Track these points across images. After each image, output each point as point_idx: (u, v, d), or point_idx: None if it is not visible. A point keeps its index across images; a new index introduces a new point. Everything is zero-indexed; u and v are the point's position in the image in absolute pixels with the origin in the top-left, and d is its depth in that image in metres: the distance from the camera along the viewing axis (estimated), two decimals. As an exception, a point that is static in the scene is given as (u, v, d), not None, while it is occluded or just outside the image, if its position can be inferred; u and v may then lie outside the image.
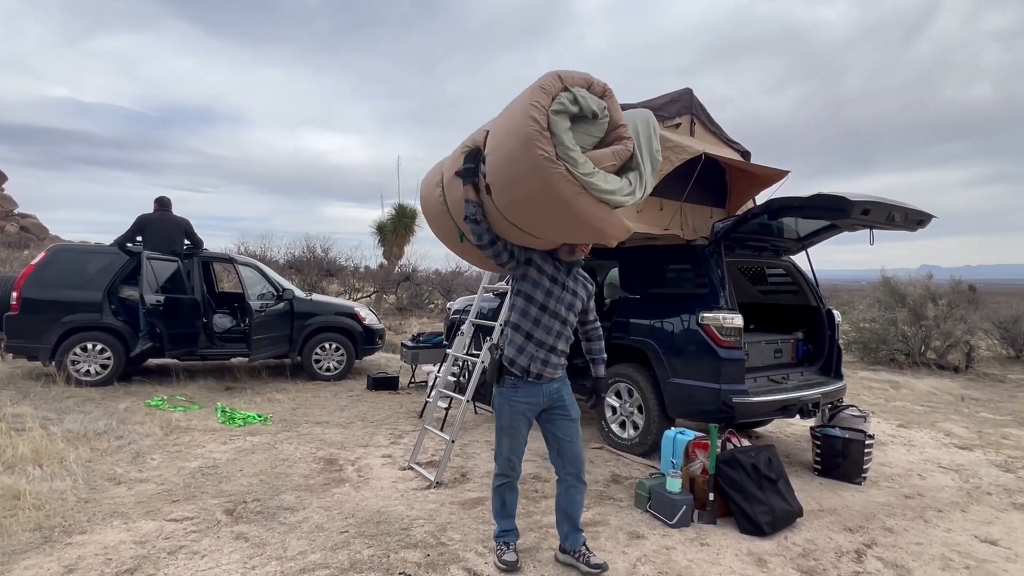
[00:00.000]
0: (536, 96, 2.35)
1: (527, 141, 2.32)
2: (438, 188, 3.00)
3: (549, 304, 2.82)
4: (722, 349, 4.28)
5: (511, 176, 2.47)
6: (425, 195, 3.17)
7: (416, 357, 7.34)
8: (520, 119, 2.36)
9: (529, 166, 2.35)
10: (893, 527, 3.61)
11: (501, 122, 2.56)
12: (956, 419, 6.70)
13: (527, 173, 2.38)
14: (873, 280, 12.35)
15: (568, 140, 2.35)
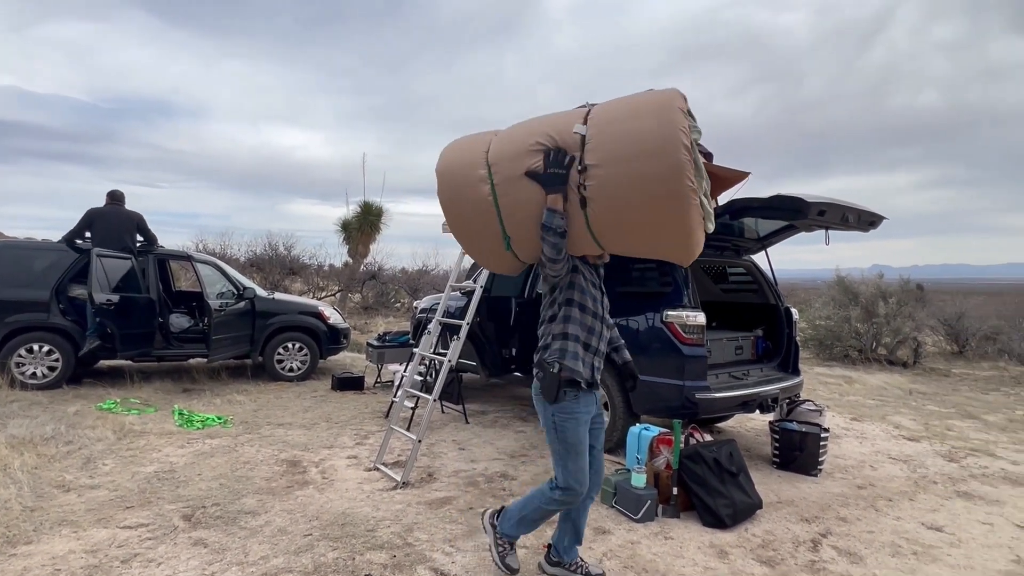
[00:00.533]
0: (682, 121, 2.21)
1: (676, 170, 2.19)
2: (484, 184, 2.58)
3: (598, 310, 2.70)
4: (685, 346, 4.37)
5: (635, 198, 2.30)
6: (457, 190, 2.70)
7: (382, 356, 7.26)
8: (662, 142, 2.20)
9: (667, 193, 2.23)
10: (847, 516, 3.75)
11: (620, 135, 2.30)
12: (905, 412, 7.01)
13: (661, 199, 2.26)
14: (828, 279, 12.80)
15: (700, 168, 2.28)
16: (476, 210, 2.66)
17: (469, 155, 2.68)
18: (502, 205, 2.58)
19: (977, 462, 5.03)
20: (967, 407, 7.37)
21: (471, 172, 2.64)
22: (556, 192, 2.41)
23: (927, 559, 3.19)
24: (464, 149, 2.74)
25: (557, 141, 2.43)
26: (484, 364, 5.73)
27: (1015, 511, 3.94)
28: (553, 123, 2.51)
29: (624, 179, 2.29)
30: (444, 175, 2.76)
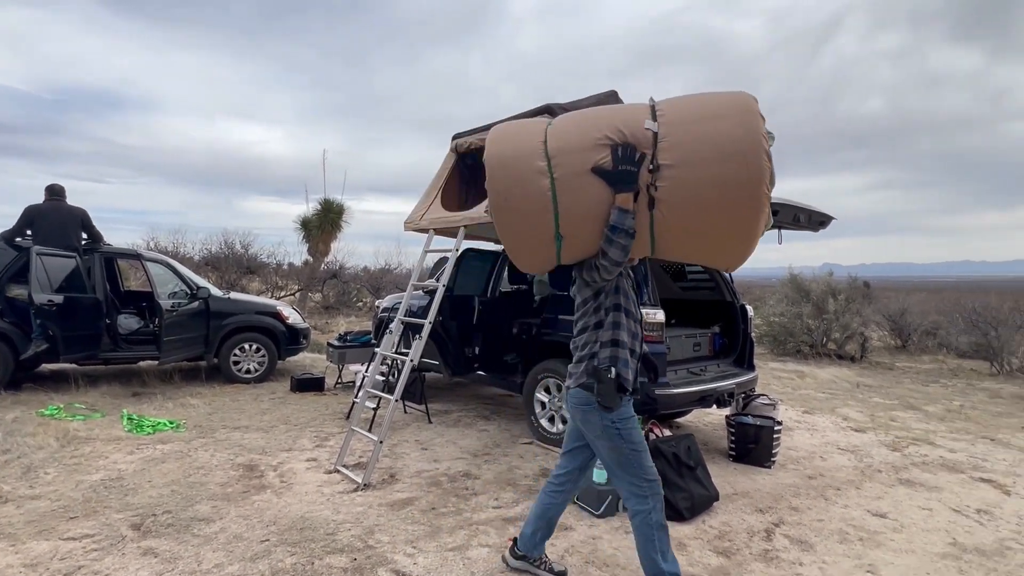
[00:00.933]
0: (763, 126, 2.20)
1: (757, 175, 2.16)
2: (544, 178, 2.34)
3: (638, 315, 2.63)
4: (646, 344, 4.43)
5: (711, 202, 2.23)
6: (512, 182, 2.42)
7: (343, 357, 7.15)
8: (745, 146, 2.17)
9: (746, 198, 2.20)
10: (798, 506, 3.89)
11: (699, 136, 2.23)
12: (852, 404, 7.31)
13: (738, 204, 2.21)
14: (782, 278, 13.24)
15: (774, 175, 2.27)
16: (531, 206, 2.38)
17: (526, 144, 2.41)
18: (561, 202, 2.35)
19: (918, 451, 5.30)
20: (909, 398, 7.75)
21: (529, 163, 2.37)
22: (628, 191, 2.26)
23: (872, 544, 3.34)
24: (518, 137, 2.46)
25: (626, 136, 2.28)
26: (447, 363, 5.70)
27: (951, 496, 4.16)
28: (619, 116, 2.36)
29: (702, 182, 2.22)
30: (497, 165, 2.45)
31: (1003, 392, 8.29)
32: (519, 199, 2.39)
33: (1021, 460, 5.10)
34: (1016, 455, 5.25)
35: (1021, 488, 4.37)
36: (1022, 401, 7.74)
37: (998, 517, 3.81)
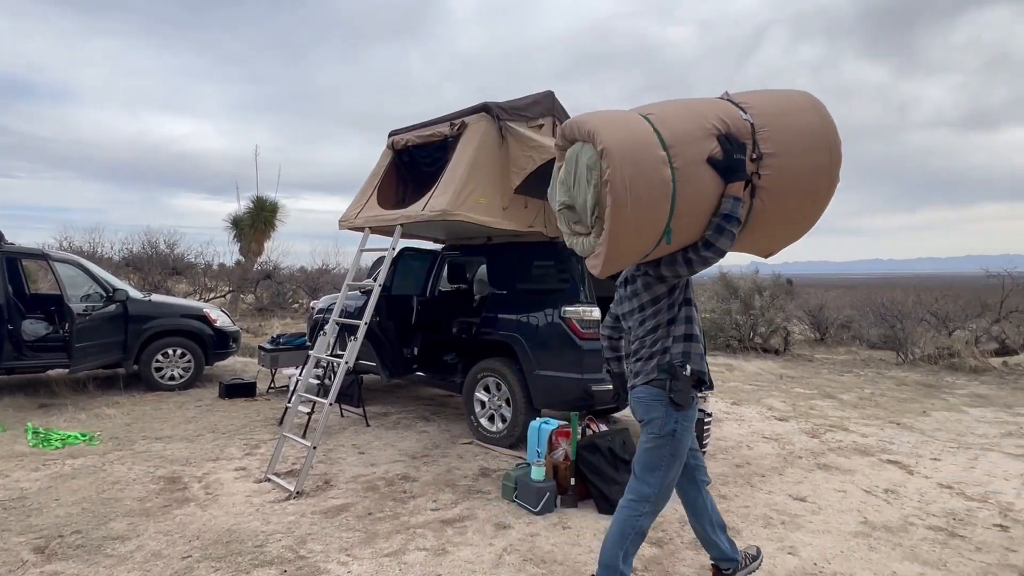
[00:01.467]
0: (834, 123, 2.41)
1: (838, 164, 2.37)
2: (665, 168, 2.20)
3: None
4: (583, 341, 4.52)
5: (803, 189, 2.37)
6: (639, 169, 2.19)
7: (275, 360, 6.88)
8: (829, 137, 2.35)
9: (828, 185, 2.39)
10: (727, 494, 4.06)
11: (792, 127, 2.34)
12: (776, 395, 7.73)
13: (822, 191, 2.40)
14: (713, 275, 13.82)
15: None
16: (652, 198, 2.20)
17: (640, 133, 2.24)
18: (680, 193, 2.22)
19: (834, 436, 5.66)
20: (827, 388, 8.27)
21: (650, 152, 2.20)
22: (741, 179, 2.26)
23: (793, 527, 3.54)
24: (627, 125, 2.27)
25: (729, 127, 2.28)
26: (384, 364, 5.59)
27: (863, 478, 4.47)
28: (717, 107, 2.35)
29: (798, 170, 2.34)
30: (619, 152, 2.18)
31: (908, 380, 9.00)
32: (643, 189, 2.18)
33: (922, 442, 5.54)
34: (918, 437, 5.70)
35: (922, 468, 4.75)
36: (924, 388, 8.42)
37: (903, 496, 4.12)
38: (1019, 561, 3.15)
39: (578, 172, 2.28)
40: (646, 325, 2.53)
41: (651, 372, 2.47)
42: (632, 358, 2.62)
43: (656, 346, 2.49)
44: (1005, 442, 5.62)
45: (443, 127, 4.77)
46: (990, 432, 5.98)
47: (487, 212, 4.50)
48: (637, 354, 2.58)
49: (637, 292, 2.57)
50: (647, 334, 2.53)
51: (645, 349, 2.53)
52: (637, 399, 2.53)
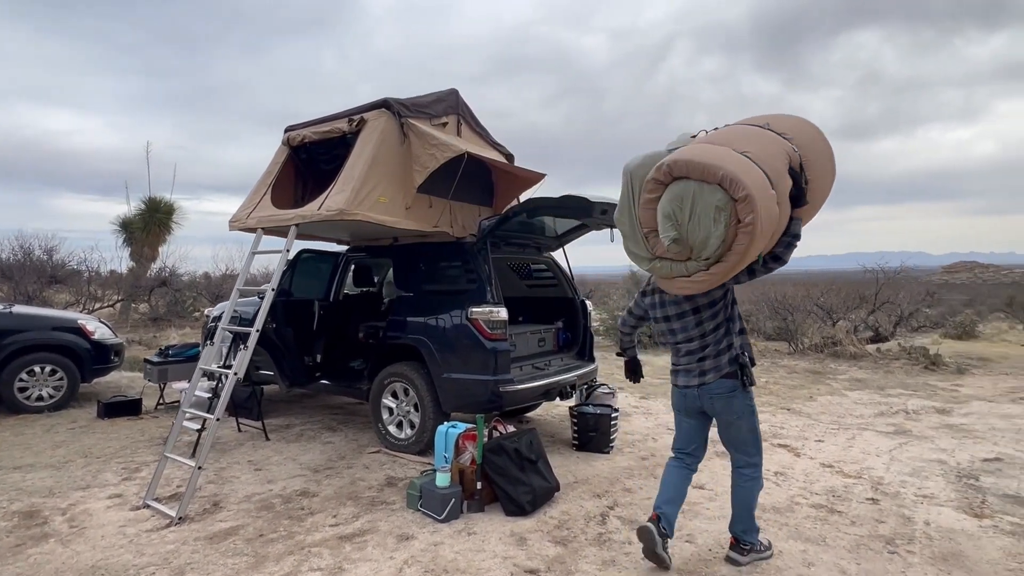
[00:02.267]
0: None
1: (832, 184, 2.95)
2: (775, 204, 2.48)
3: None
4: (490, 342, 4.47)
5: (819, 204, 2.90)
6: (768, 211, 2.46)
7: (164, 374, 6.32)
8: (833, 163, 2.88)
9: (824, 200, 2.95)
10: (631, 488, 4.15)
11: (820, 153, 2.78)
12: (683, 387, 8.07)
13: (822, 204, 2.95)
14: (624, 274, 14.31)
15: None
16: (769, 230, 2.54)
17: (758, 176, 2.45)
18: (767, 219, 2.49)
19: (732, 425, 5.96)
20: (728, 379, 8.75)
21: (767, 192, 2.44)
22: (804, 205, 2.71)
23: (691, 515, 3.66)
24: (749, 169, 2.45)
25: (791, 160, 2.64)
26: (284, 374, 5.27)
27: (756, 463, 4.73)
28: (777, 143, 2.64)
29: (823, 191, 2.84)
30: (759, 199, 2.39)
31: (798, 368, 9.71)
32: (768, 226, 2.49)
33: (808, 425, 5.97)
34: (805, 421, 6.14)
35: (807, 450, 5.10)
36: (811, 375, 9.12)
37: (790, 477, 4.39)
38: (887, 531, 3.43)
39: (698, 210, 2.48)
40: (705, 325, 2.90)
41: (724, 367, 2.88)
42: (695, 356, 2.95)
43: (722, 343, 2.89)
44: (878, 421, 6.16)
45: (341, 123, 4.56)
46: (865, 413, 6.54)
47: (389, 212, 4.35)
48: (703, 352, 2.92)
49: (690, 297, 2.87)
50: (710, 332, 2.90)
51: (711, 347, 2.90)
52: (715, 394, 2.90)
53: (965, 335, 13.76)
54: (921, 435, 5.58)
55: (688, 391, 3.00)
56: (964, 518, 3.63)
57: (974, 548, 3.22)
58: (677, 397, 3.11)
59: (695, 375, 2.95)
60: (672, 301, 2.95)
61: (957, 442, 5.32)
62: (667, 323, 3.03)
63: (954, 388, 8.03)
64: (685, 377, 3.01)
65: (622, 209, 2.85)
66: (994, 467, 4.63)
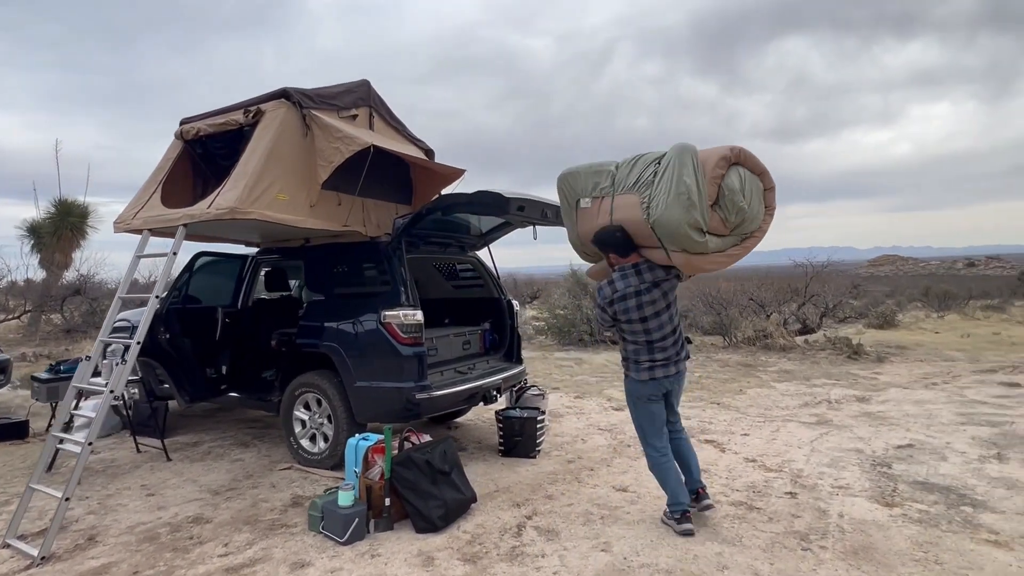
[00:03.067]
0: None
1: None
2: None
3: None
4: (404, 347, 4.22)
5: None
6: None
7: (54, 392, 5.72)
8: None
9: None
10: (553, 493, 4.00)
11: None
12: (617, 385, 8.03)
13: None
14: (565, 273, 14.28)
15: None
16: None
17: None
18: None
19: (662, 422, 5.93)
20: (663, 375, 8.79)
21: None
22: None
23: (611, 520, 3.54)
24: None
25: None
26: (182, 388, 4.81)
27: (682, 461, 4.68)
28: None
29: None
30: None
31: (731, 361, 9.90)
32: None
33: (736, 419, 6.01)
34: (733, 415, 6.18)
35: (733, 444, 5.10)
36: (743, 368, 9.30)
37: (714, 474, 4.35)
38: (802, 526, 3.41)
39: (753, 193, 3.04)
40: (675, 320, 3.32)
41: (683, 350, 3.38)
42: (670, 349, 3.29)
43: (679, 334, 3.36)
44: (802, 412, 6.28)
45: (237, 115, 4.21)
46: (791, 404, 6.67)
47: (290, 210, 4.04)
48: (676, 345, 3.33)
49: (666, 293, 3.24)
50: (677, 326, 3.34)
51: (679, 338, 3.35)
52: (683, 372, 3.39)
53: (886, 324, 14.49)
54: (841, 424, 5.70)
55: (667, 380, 3.33)
56: (876, 508, 3.66)
57: (884, 539, 3.23)
58: (652, 388, 3.32)
59: (672, 364, 3.31)
60: (649, 302, 3.21)
61: (874, 430, 5.46)
62: (644, 323, 3.25)
63: (874, 376, 8.35)
64: (664, 369, 3.30)
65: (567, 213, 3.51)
66: (906, 453, 4.75)
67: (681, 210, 2.90)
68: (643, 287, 3.18)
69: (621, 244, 3.18)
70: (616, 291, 3.22)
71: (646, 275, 3.19)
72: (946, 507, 3.65)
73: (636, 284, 3.18)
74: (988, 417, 5.81)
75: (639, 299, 3.17)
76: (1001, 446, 4.87)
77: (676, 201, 2.92)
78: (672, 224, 2.93)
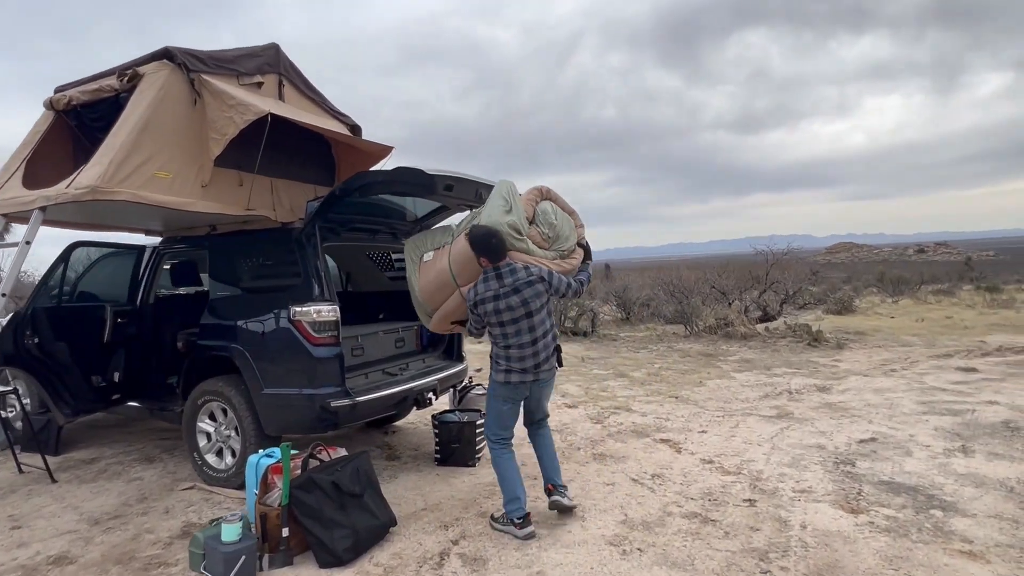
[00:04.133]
0: None
1: None
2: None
3: None
4: (317, 348, 3.68)
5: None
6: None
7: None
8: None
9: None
10: (488, 509, 3.55)
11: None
12: (575, 379, 7.65)
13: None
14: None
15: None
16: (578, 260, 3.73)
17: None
18: None
19: (616, 419, 5.55)
20: (622, 367, 8.45)
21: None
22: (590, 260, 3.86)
23: (550, 542, 3.10)
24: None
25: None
26: (60, 400, 4.09)
27: (634, 464, 4.28)
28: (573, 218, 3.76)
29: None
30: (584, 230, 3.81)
31: (692, 351, 9.63)
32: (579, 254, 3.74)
33: (694, 414, 5.67)
34: (691, 410, 5.84)
35: (690, 444, 4.74)
36: (704, 358, 9.04)
37: (667, 479, 3.97)
38: (761, 542, 3.03)
39: (563, 219, 3.56)
40: (540, 331, 3.24)
41: (549, 361, 3.31)
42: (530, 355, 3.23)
43: (546, 342, 3.28)
44: (762, 404, 5.99)
45: (112, 79, 3.58)
46: (751, 396, 6.38)
47: (173, 190, 3.43)
48: (540, 353, 3.26)
49: (526, 300, 3.18)
50: (543, 335, 3.27)
51: (546, 345, 3.28)
52: (545, 381, 3.37)
53: (844, 310, 14.53)
54: (802, 417, 5.41)
55: (523, 386, 3.29)
56: (841, 515, 3.32)
57: (850, 555, 2.87)
58: (506, 391, 3.30)
59: (531, 372, 3.25)
60: (507, 308, 3.17)
61: (835, 423, 5.18)
62: (501, 328, 3.22)
63: (834, 364, 8.17)
64: (520, 375, 3.25)
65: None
66: (869, 448, 4.46)
67: (500, 213, 3.28)
68: (502, 291, 3.17)
69: (491, 250, 3.18)
70: (477, 294, 3.23)
71: (507, 279, 3.18)
72: (915, 512, 3.33)
73: (496, 288, 3.18)
74: (948, 405, 5.61)
75: (496, 304, 3.17)
76: (965, 437, 4.64)
77: (496, 209, 3.30)
78: (495, 226, 3.22)
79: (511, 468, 3.31)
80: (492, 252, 3.16)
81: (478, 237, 3.18)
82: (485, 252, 3.18)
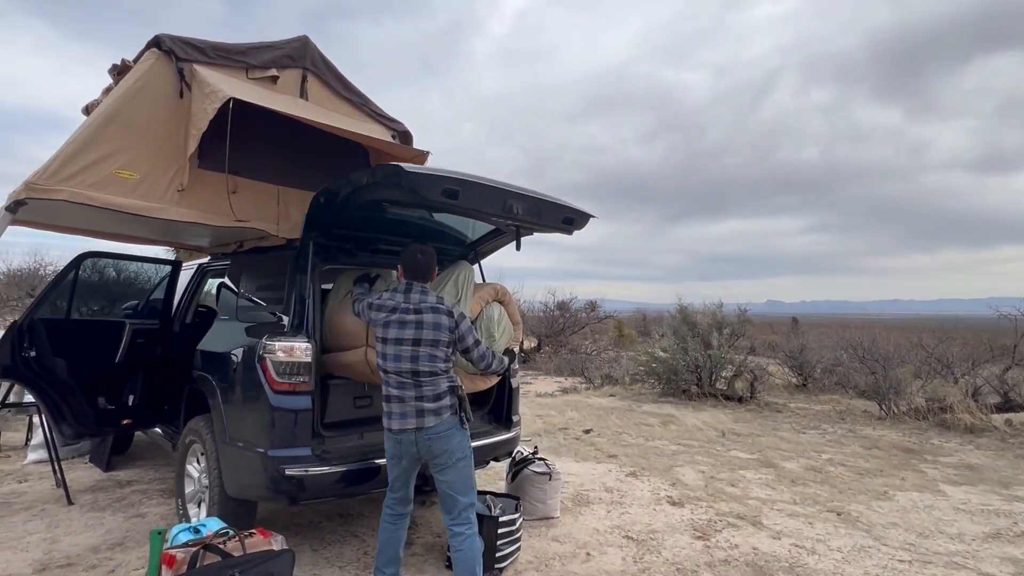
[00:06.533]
0: None
1: None
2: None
3: None
4: (276, 395, 2.88)
5: None
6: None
7: None
8: None
9: None
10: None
11: None
12: (700, 461, 5.91)
13: None
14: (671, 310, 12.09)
15: None
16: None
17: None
18: None
19: (730, 538, 3.86)
20: (771, 451, 6.41)
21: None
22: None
23: None
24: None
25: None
26: (60, 419, 3.81)
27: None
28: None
29: None
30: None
31: (882, 441, 7.08)
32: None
33: (861, 549, 3.72)
34: (858, 540, 3.87)
35: (836, 609, 2.95)
36: (900, 453, 6.51)
37: None
38: None
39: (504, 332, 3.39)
40: (426, 365, 2.69)
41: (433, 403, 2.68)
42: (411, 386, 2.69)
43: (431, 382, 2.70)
44: (986, 550, 3.78)
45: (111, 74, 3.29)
46: (969, 531, 4.12)
47: (138, 193, 2.93)
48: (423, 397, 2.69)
49: (420, 325, 2.69)
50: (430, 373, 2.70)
51: (431, 386, 2.70)
52: (434, 438, 2.66)
53: None
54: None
55: (404, 436, 2.68)
56: None
57: None
58: (390, 444, 2.75)
59: (411, 417, 2.67)
60: (397, 322, 2.70)
61: None
62: (383, 344, 2.73)
63: None
64: (400, 420, 2.68)
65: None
66: None
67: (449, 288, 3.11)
68: (402, 306, 2.74)
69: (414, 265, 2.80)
70: (380, 299, 2.80)
71: (413, 296, 2.76)
72: None
73: (399, 301, 2.75)
74: None
75: (389, 316, 2.72)
76: None
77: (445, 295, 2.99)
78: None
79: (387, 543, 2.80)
80: (414, 269, 2.79)
81: (409, 249, 2.82)
82: (407, 264, 2.81)
